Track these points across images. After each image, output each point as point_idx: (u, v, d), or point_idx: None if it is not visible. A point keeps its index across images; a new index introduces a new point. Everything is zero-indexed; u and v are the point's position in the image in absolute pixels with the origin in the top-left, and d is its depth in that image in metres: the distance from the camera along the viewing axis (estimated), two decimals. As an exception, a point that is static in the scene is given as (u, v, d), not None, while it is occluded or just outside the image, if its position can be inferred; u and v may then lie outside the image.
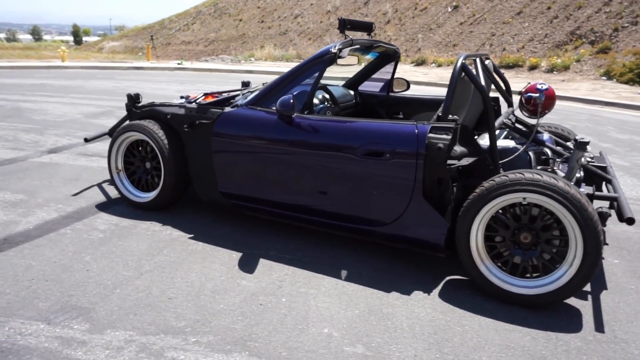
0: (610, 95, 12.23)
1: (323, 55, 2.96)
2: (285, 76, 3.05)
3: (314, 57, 2.98)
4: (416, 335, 2.20)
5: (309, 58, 3.02)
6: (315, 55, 2.99)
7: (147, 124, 3.38)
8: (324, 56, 2.95)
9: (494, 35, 20.62)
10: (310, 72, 2.99)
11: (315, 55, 3.00)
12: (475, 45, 20.78)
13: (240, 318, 2.27)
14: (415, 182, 2.57)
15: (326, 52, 2.96)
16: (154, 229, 3.23)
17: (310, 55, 3.06)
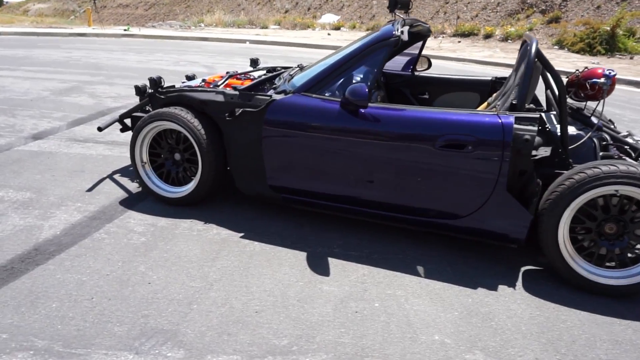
0: (567, 65, 12.68)
1: (387, 38, 2.75)
2: (343, 60, 2.82)
3: (376, 40, 2.77)
4: (526, 336, 2.15)
5: (368, 41, 2.80)
6: (376, 38, 2.78)
7: (180, 112, 3.05)
8: (388, 39, 2.75)
9: (447, 3, 20.76)
10: (372, 56, 2.78)
11: (375, 37, 2.78)
12: (429, 13, 20.85)
13: (343, 330, 2.13)
14: (499, 175, 2.48)
15: (389, 34, 2.75)
16: (197, 228, 2.96)
17: (368, 36, 2.84)
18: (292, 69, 3.72)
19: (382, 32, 2.79)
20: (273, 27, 21.88)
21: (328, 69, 2.85)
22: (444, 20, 19.95)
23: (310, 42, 17.01)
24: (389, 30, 2.79)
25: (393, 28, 2.81)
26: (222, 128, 3.05)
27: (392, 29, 2.80)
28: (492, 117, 2.49)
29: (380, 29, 2.90)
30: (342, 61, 2.83)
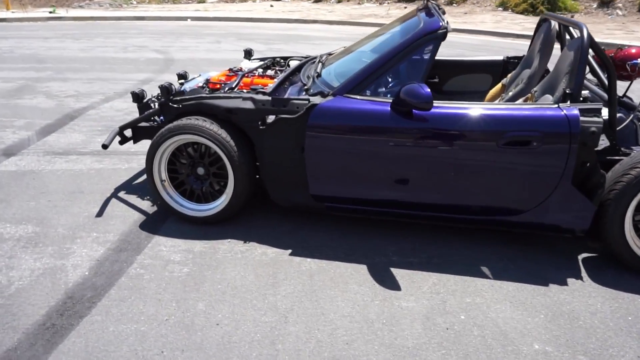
0: (516, 27, 12.97)
1: (435, 31, 2.57)
2: (386, 57, 2.62)
3: (423, 33, 2.59)
4: (617, 333, 2.14)
5: (414, 35, 2.60)
6: (423, 32, 2.59)
7: (204, 123, 2.76)
8: (436, 31, 2.57)
9: (388, -33, 20.54)
10: (420, 51, 2.60)
11: (422, 31, 2.60)
12: (370, -22, 20.55)
13: (444, 351, 2.02)
14: (565, 169, 2.42)
15: (437, 27, 2.58)
16: (239, 249, 2.73)
17: (413, 31, 2.63)
18: (310, 62, 3.48)
19: (427, 26, 2.61)
20: (211, 0, 20.85)
21: (370, 68, 2.65)
22: (386, -15, 19.76)
23: (255, 15, 16.37)
24: (435, 22, 2.62)
25: (438, 20, 2.64)
26: (253, 137, 2.79)
27: (438, 20, 2.63)
28: (556, 111, 2.41)
29: (422, 20, 2.72)
30: (385, 58, 2.63)
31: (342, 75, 2.85)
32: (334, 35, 12.01)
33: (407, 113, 2.51)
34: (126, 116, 5.09)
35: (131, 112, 5.22)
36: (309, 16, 16.19)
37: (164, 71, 7.44)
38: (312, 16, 16.22)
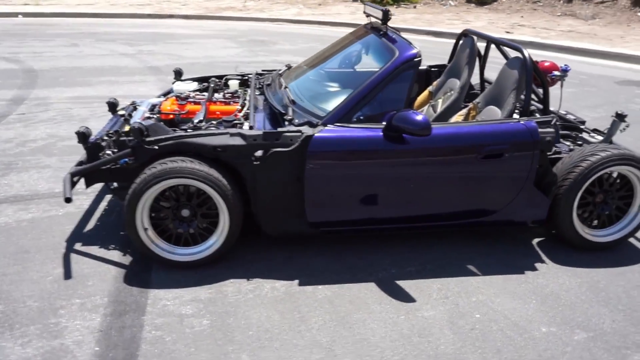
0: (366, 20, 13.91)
1: (412, 59, 2.79)
2: (370, 87, 2.76)
3: (401, 62, 2.78)
4: (591, 304, 2.64)
5: (391, 65, 2.77)
6: (401, 60, 2.78)
7: (194, 164, 2.63)
8: (413, 59, 2.79)
9: (235, -43, 20.24)
10: (400, 79, 2.79)
11: (401, 60, 2.78)
12: (218, -32, 20.06)
13: (480, 351, 2.30)
14: (530, 172, 2.86)
15: (414, 55, 2.80)
16: (247, 289, 2.69)
17: (393, 61, 2.78)
18: (264, 84, 3.43)
19: (404, 56, 2.79)
20: (38, -8, 18.38)
21: (356, 97, 2.77)
22: (235, -24, 19.50)
23: (100, 10, 14.93)
24: (410, 50, 2.82)
25: (411, 47, 2.85)
26: (244, 172, 2.74)
27: (411, 48, 2.84)
28: (520, 126, 2.82)
29: (397, 49, 2.88)
30: (369, 87, 2.76)
31: (316, 99, 2.96)
32: (200, 32, 11.62)
33: (398, 137, 2.70)
34: (21, 148, 4.45)
35: (25, 143, 4.57)
36: (162, 10, 15.32)
37: (33, 86, 6.55)
38: (165, 10, 15.37)
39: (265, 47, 9.88)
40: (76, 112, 5.56)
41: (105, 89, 6.49)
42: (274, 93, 3.23)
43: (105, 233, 3.17)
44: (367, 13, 3.46)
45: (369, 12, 3.39)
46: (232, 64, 8.19)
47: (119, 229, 3.21)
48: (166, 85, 6.66)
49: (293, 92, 3.14)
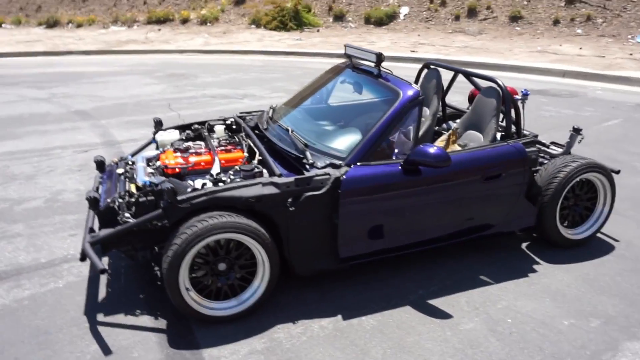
0: (280, 45, 14.25)
1: (417, 97, 3.05)
2: (384, 127, 2.98)
3: (407, 102, 3.02)
4: (592, 294, 3.08)
5: (399, 105, 3.01)
6: (407, 100, 3.02)
7: (234, 218, 2.65)
8: (417, 98, 3.05)
9: (126, -13, 19.60)
10: (408, 116, 3.04)
11: (406, 100, 3.02)
12: (109, 0, 19.31)
13: (527, 351, 2.60)
14: (522, 187, 3.27)
15: (417, 94, 3.06)
16: (296, 332, 2.74)
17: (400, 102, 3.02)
18: (269, 127, 3.47)
19: (409, 94, 3.04)
20: None
21: (372, 138, 2.94)
22: (130, 7, 18.90)
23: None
24: (412, 89, 3.08)
25: (412, 87, 3.11)
26: (278, 219, 2.81)
27: (412, 87, 3.10)
28: (508, 147, 3.22)
29: (402, 90, 3.11)
30: (382, 128, 2.96)
31: (327, 141, 3.17)
32: (110, 69, 11.12)
33: (416, 169, 2.95)
34: None
35: None
36: (57, 46, 14.42)
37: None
38: (59, 46, 14.49)
39: (188, 81, 9.74)
40: (17, 169, 5.13)
41: (38, 141, 6.03)
42: (279, 137, 3.30)
43: (125, 299, 3.03)
44: (350, 54, 3.66)
45: (354, 53, 3.59)
46: (164, 102, 7.99)
47: (136, 291, 3.09)
48: (104, 132, 6.40)
49: (300, 135, 3.23)
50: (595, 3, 14.12)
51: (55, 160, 5.40)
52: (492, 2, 15.59)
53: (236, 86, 9.23)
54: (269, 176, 2.94)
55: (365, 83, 3.50)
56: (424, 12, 16.44)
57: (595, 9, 13.99)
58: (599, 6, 14.01)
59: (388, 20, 16.54)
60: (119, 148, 5.76)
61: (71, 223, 3.97)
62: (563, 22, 14.15)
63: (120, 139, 6.09)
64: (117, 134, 6.29)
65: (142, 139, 5.96)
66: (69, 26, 17.75)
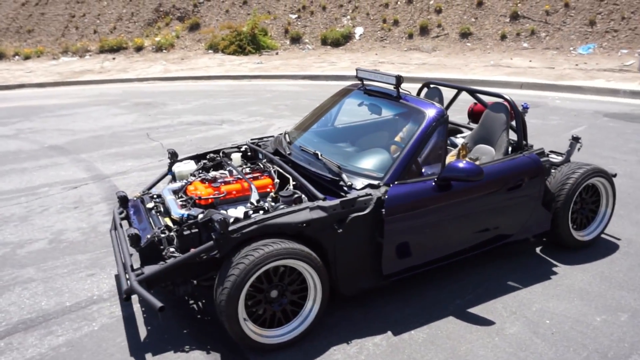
0: (243, 69, 14.30)
1: (442, 116, 3.21)
2: (416, 146, 3.10)
3: (434, 121, 3.17)
4: (612, 289, 3.30)
5: (427, 124, 3.16)
6: (434, 120, 3.17)
7: (288, 244, 2.68)
8: (443, 116, 3.21)
9: (74, 17, 19.09)
10: (436, 135, 3.19)
11: (433, 119, 3.17)
12: (57, 30, 18.74)
13: (573, 349, 2.76)
14: (539, 195, 3.48)
15: (442, 113, 3.22)
16: (353, 352, 2.78)
17: (426, 122, 3.18)
18: (292, 152, 3.51)
19: (435, 114, 3.19)
20: None
21: (406, 157, 3.07)
22: (80, 36, 18.40)
23: None
24: (439, 111, 3.23)
25: (438, 107, 3.27)
26: (325, 242, 2.86)
27: (438, 108, 3.26)
28: (525, 158, 3.43)
29: (427, 109, 3.26)
30: (413, 147, 3.09)
31: (355, 161, 3.28)
32: (72, 101, 10.81)
33: (448, 184, 3.10)
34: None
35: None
36: (6, 80, 13.86)
37: None
38: (9, 79, 13.93)
39: (158, 110, 9.60)
40: (6, 211, 4.89)
41: (19, 180, 5.77)
42: (308, 162, 3.35)
43: (168, 335, 2.96)
44: (363, 77, 3.79)
45: (368, 77, 3.72)
46: (141, 133, 7.85)
47: (178, 327, 3.03)
48: (88, 166, 6.23)
49: (328, 158, 3.29)
50: (537, 18, 15.11)
51: (44, 199, 5.19)
52: (442, 20, 16.35)
53: (210, 112, 9.19)
54: (308, 201, 2.99)
55: (385, 105, 3.63)
56: (378, 32, 16.99)
57: (538, 23, 14.97)
58: (541, 21, 15.00)
59: (344, 40, 16.97)
60: (110, 182, 5.61)
61: (85, 263, 3.84)
62: (510, 36, 15.03)
63: (109, 173, 5.92)
64: (103, 168, 6.11)
65: (131, 172, 5.87)
66: (16, 58, 17.04)
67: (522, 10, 15.43)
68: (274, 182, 3.33)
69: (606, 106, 8.74)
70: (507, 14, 15.58)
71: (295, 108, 9.24)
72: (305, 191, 3.06)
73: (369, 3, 17.73)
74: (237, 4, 18.80)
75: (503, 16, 15.63)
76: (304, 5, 18.27)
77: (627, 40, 13.36)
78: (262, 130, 7.68)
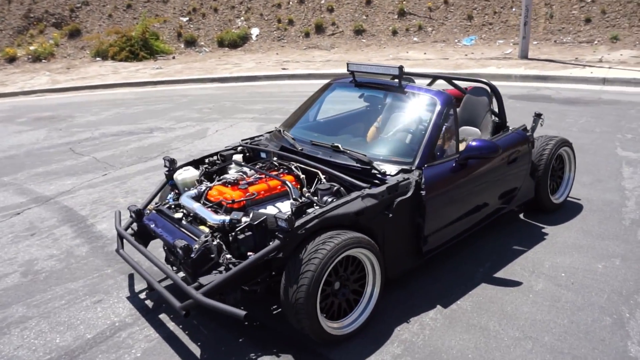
0: (143, 75, 13.49)
1: (450, 102, 3.43)
2: (435, 129, 3.27)
3: (444, 107, 3.37)
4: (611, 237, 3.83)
5: (441, 110, 3.33)
6: (445, 105, 3.36)
7: (352, 234, 2.71)
8: (451, 101, 3.43)
9: None
10: (450, 118, 3.40)
11: (444, 105, 3.36)
12: None
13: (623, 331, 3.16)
14: (528, 166, 3.89)
15: (450, 98, 3.44)
16: (418, 329, 2.91)
17: (437, 108, 3.35)
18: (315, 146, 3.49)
19: (444, 101, 3.39)
20: None
21: (429, 142, 3.23)
22: None
23: None
24: (443, 95, 3.45)
25: (444, 93, 3.48)
26: (375, 228, 2.93)
27: (445, 93, 3.47)
28: (516, 134, 3.81)
29: (436, 96, 3.45)
30: (434, 132, 3.26)
31: (382, 150, 3.41)
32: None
33: (466, 162, 3.33)
34: None
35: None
36: None
37: None
38: None
39: (68, 123, 8.73)
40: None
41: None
42: (328, 155, 3.36)
43: (226, 347, 2.81)
44: (355, 70, 3.87)
45: (365, 70, 3.81)
46: (61, 148, 7.10)
47: (231, 337, 2.89)
48: (20, 189, 5.58)
49: (349, 148, 3.34)
50: (422, 14, 16.34)
51: (-14, 230, 4.51)
52: (335, 19, 16.93)
53: (131, 121, 8.59)
54: (346, 192, 3.03)
55: (384, 95, 3.77)
56: (275, 32, 17.09)
57: (423, 19, 16.20)
58: (425, 17, 16.25)
59: (242, 42, 16.80)
60: (58, 203, 5.04)
61: (82, 291, 3.45)
62: (400, 32, 16.07)
63: (50, 194, 5.30)
64: (40, 189, 5.46)
65: (77, 190, 5.36)
66: None
67: (407, 7, 16.57)
68: (297, 177, 3.29)
69: (506, 89, 9.74)
70: (394, 11, 16.61)
71: (222, 111, 9.01)
72: (341, 182, 3.09)
73: (261, 4, 17.74)
74: (120, 8, 17.62)
75: (391, 13, 16.64)
76: (194, 7, 17.72)
77: (501, 32, 15.04)
78: (200, 135, 7.39)
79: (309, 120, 4.11)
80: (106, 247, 4.07)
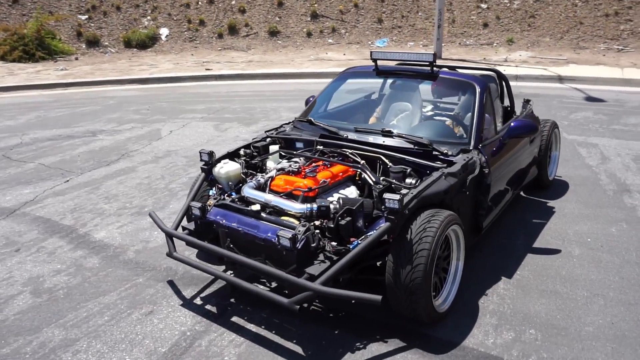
0: (48, 77, 12.14)
1: (487, 85, 3.60)
2: (481, 111, 3.41)
3: (484, 90, 3.53)
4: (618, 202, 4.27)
5: (481, 92, 3.48)
6: (482, 89, 3.53)
7: (446, 212, 2.73)
8: (488, 85, 3.60)
9: None
10: (489, 100, 3.57)
11: (482, 89, 3.53)
12: None
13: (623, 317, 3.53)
14: (538, 146, 4.22)
15: (486, 81, 3.62)
16: (497, 300, 3.01)
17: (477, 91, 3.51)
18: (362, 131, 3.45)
19: (482, 84, 3.56)
20: None
21: (478, 124, 3.35)
22: None
23: None
24: (483, 79, 3.61)
25: (479, 77, 3.64)
26: (454, 206, 2.99)
27: (480, 78, 3.63)
28: (532, 116, 4.12)
29: (474, 81, 3.58)
30: (480, 114, 3.40)
31: (435, 133, 3.48)
32: None
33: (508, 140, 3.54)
34: None
35: None
36: None
37: None
38: None
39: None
40: None
41: None
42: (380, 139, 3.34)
43: (326, 341, 2.68)
44: (377, 58, 3.89)
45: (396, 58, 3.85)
46: None
47: (324, 330, 2.76)
48: None
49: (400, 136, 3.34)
50: (334, 17, 16.76)
51: (-50, 250, 3.78)
52: (248, 20, 16.71)
53: (61, 125, 7.69)
54: (414, 173, 3.06)
55: (420, 81, 3.84)
56: (186, 33, 16.39)
57: (336, 21, 16.63)
58: (338, 19, 16.69)
59: (151, 42, 15.86)
60: (28, 215, 4.36)
61: (122, 303, 3.05)
62: (315, 34, 16.32)
63: (9, 205, 4.58)
64: (20, 196, 4.69)
65: (44, 199, 4.76)
66: None
67: (319, 9, 16.88)
68: (357, 164, 3.21)
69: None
70: (307, 13, 16.83)
71: (163, 112, 8.44)
72: (409, 165, 3.10)
73: (169, 3, 16.91)
74: (5, 3, 15.66)
75: (304, 15, 16.84)
76: (94, 5, 16.34)
77: (410, 34, 15.97)
78: (154, 136, 6.87)
79: (328, 108, 4.05)
80: (120, 256, 3.63)
